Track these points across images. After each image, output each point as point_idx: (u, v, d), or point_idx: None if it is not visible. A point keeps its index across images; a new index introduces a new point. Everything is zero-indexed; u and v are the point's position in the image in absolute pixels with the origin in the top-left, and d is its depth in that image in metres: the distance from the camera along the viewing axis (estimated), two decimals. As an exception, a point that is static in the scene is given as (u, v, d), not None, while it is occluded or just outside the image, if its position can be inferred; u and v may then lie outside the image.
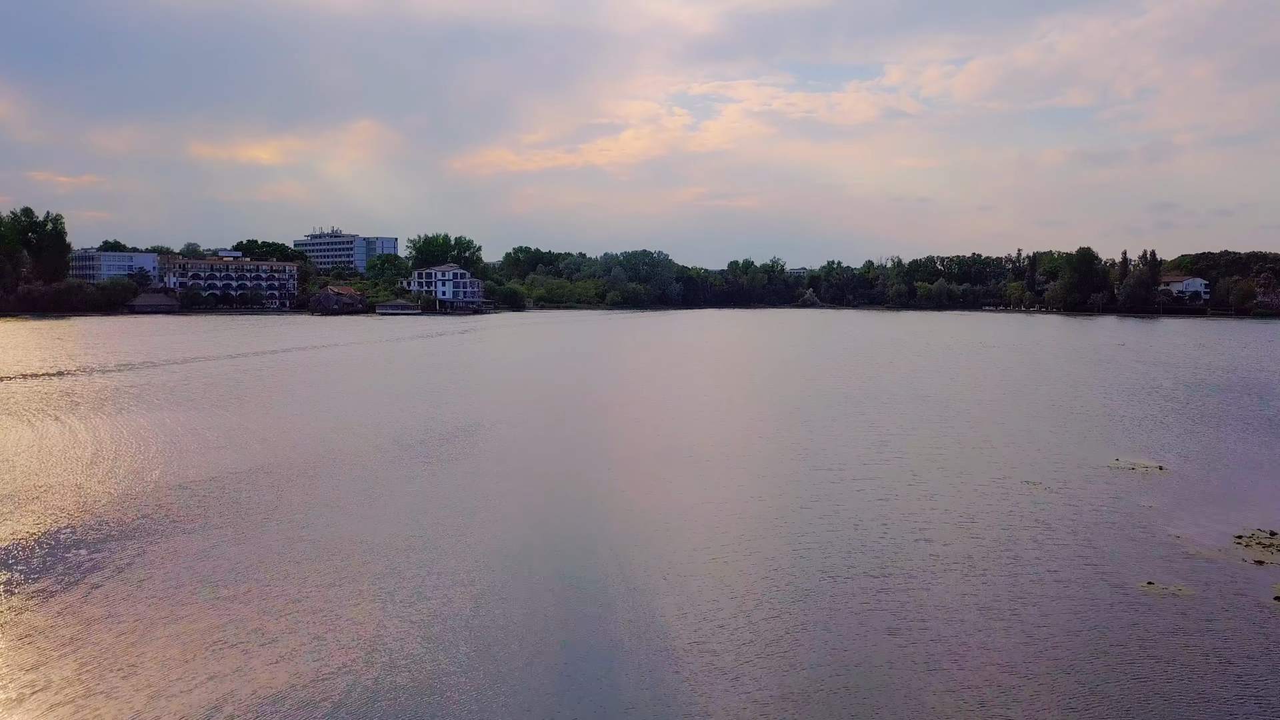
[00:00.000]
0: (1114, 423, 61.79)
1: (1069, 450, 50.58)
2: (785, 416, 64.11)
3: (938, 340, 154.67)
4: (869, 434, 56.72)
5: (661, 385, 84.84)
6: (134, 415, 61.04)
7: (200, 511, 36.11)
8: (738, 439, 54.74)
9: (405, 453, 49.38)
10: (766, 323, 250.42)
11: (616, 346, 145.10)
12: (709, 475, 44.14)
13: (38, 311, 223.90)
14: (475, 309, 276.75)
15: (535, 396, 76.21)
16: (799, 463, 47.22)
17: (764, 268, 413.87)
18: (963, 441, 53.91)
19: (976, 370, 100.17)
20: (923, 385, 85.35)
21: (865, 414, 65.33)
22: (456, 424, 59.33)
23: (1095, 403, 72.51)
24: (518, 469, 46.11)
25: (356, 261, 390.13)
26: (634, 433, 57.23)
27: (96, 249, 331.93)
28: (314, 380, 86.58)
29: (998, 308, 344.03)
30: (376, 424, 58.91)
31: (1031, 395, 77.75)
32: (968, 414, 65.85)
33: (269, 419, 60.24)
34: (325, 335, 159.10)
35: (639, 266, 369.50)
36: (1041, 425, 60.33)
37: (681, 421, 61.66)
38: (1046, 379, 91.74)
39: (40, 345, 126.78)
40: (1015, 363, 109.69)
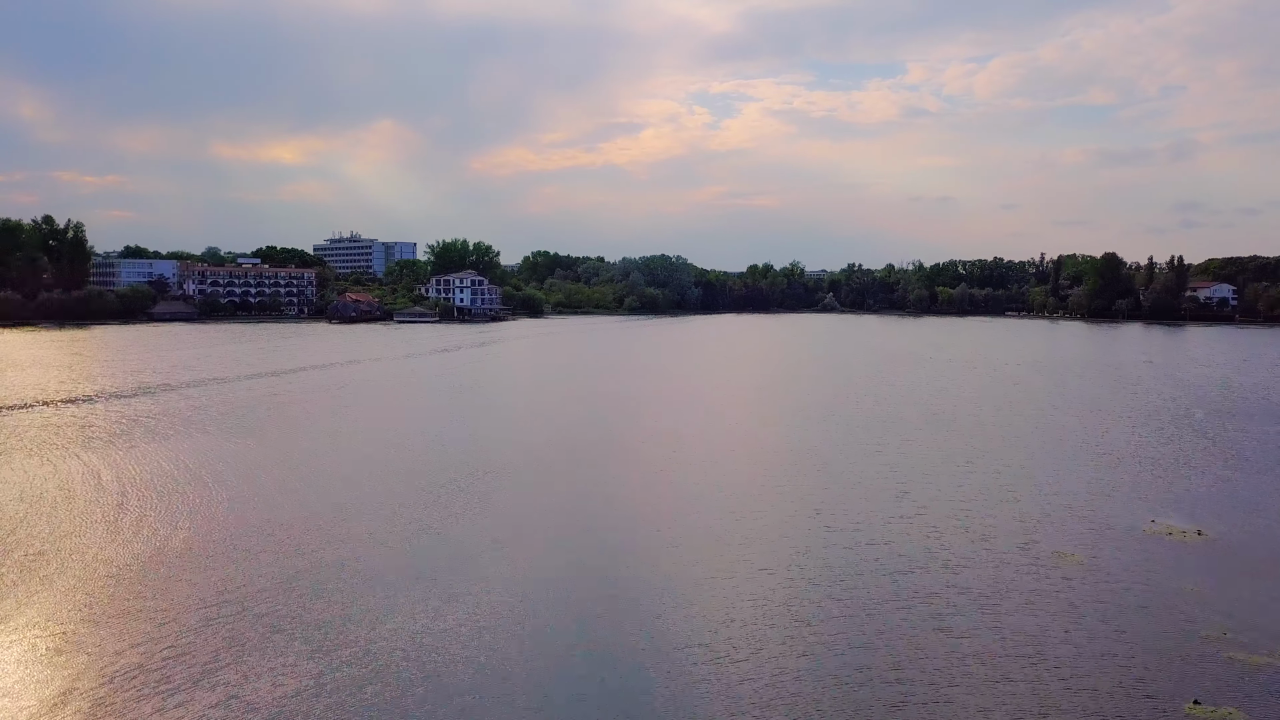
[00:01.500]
0: (1145, 468, 59.56)
1: (1099, 508, 48.47)
2: (803, 459, 62.22)
3: (960, 355, 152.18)
4: (889, 481, 54.79)
5: (676, 416, 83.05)
6: (153, 454, 59.87)
7: (229, 590, 34.79)
8: (750, 491, 52.87)
9: (427, 502, 47.92)
10: (785, 332, 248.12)
11: (632, 365, 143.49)
12: (715, 543, 42.38)
13: (58, 319, 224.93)
14: (493, 316, 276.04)
15: (553, 433, 74.64)
16: (812, 522, 45.37)
17: (783, 271, 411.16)
18: (987, 493, 51.91)
19: (1001, 398, 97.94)
20: (946, 414, 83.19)
21: (885, 454, 63.36)
22: (473, 467, 57.84)
23: (1124, 441, 70.22)
24: (535, 528, 44.55)
25: (375, 266, 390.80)
26: (642, 490, 55.48)
27: (118, 254, 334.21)
28: (333, 408, 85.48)
29: (1021, 313, 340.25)
30: (397, 467, 57.49)
31: (1059, 430, 75.48)
32: (993, 455, 63.77)
33: (291, 457, 58.97)
34: (343, 349, 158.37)
35: (657, 271, 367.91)
36: (1070, 473, 58.19)
37: (694, 468, 59.88)
38: (1073, 408, 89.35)
39: (59, 363, 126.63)
40: (1041, 387, 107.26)
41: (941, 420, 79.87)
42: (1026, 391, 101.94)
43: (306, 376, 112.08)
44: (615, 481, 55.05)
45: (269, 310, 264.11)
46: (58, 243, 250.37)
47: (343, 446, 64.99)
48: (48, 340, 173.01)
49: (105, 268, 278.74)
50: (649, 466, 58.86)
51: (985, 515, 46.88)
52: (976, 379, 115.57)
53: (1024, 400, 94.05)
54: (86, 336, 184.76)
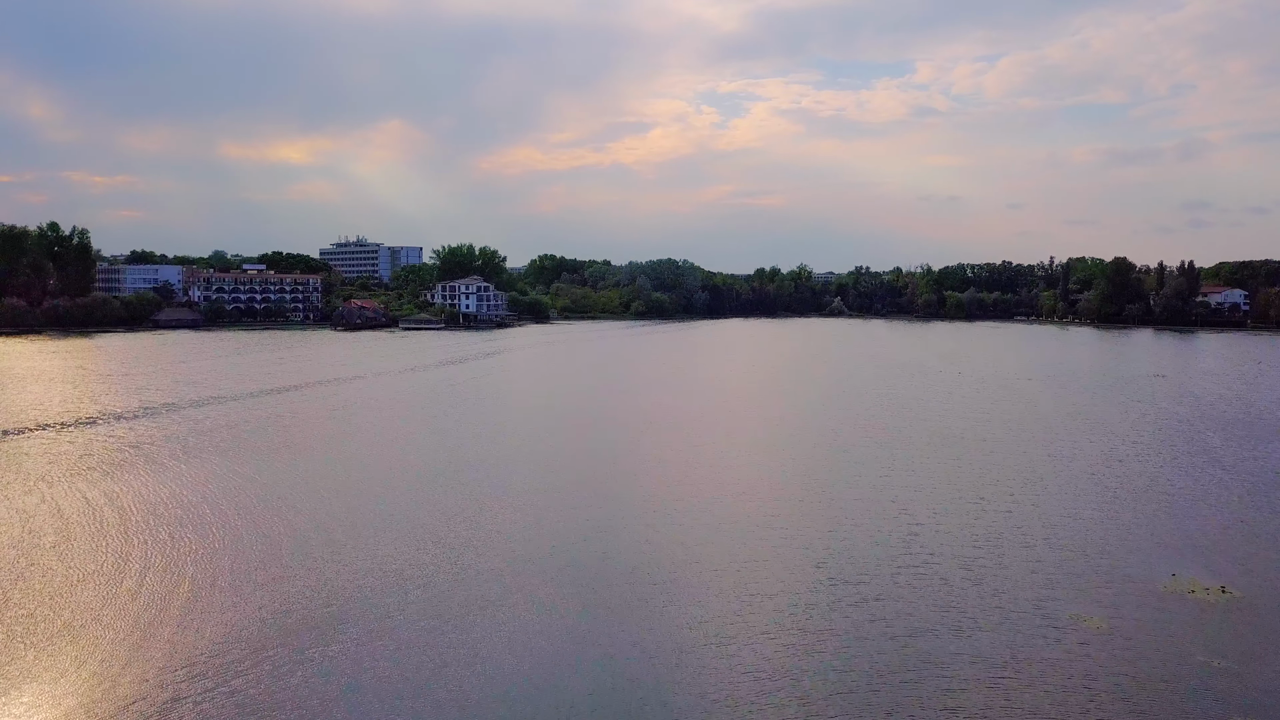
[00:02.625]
0: (1161, 506, 58.08)
1: (1116, 557, 47.04)
2: (809, 494, 60.85)
3: (971, 369, 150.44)
4: (897, 522, 53.42)
5: (679, 443, 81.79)
6: (155, 488, 58.72)
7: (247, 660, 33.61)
8: (751, 536, 51.51)
9: (436, 553, 46.75)
10: (792, 340, 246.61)
11: (637, 378, 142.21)
12: (713, 597, 41.09)
13: (63, 327, 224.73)
14: (499, 322, 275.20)
15: (555, 462, 73.49)
16: (815, 575, 44.03)
17: (791, 275, 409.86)
18: (999, 537, 50.50)
19: (1012, 420, 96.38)
20: (955, 438, 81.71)
21: (893, 489, 61.96)
22: (482, 499, 56.63)
23: (1139, 473, 68.72)
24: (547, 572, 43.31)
25: (382, 270, 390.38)
26: (640, 533, 54.22)
27: (124, 258, 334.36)
28: (336, 434, 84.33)
29: (1030, 318, 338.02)
30: (402, 511, 56.28)
31: (1070, 459, 73.98)
32: (1004, 489, 62.32)
33: (295, 492, 57.79)
34: (347, 362, 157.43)
35: (663, 275, 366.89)
36: (1084, 511, 56.74)
37: (694, 506, 58.56)
38: (1085, 431, 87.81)
39: (62, 377, 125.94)
40: (1052, 407, 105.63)
41: (951, 445, 78.41)
42: (1037, 413, 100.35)
43: (309, 394, 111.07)
44: (609, 521, 53.76)
45: (274, 316, 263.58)
46: (63, 249, 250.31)
47: (347, 482, 63.84)
48: (52, 351, 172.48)
49: (111, 274, 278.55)
50: (648, 504, 57.54)
51: (998, 566, 45.51)
52: (986, 397, 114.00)
53: (1035, 424, 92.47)
54: (91, 347, 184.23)
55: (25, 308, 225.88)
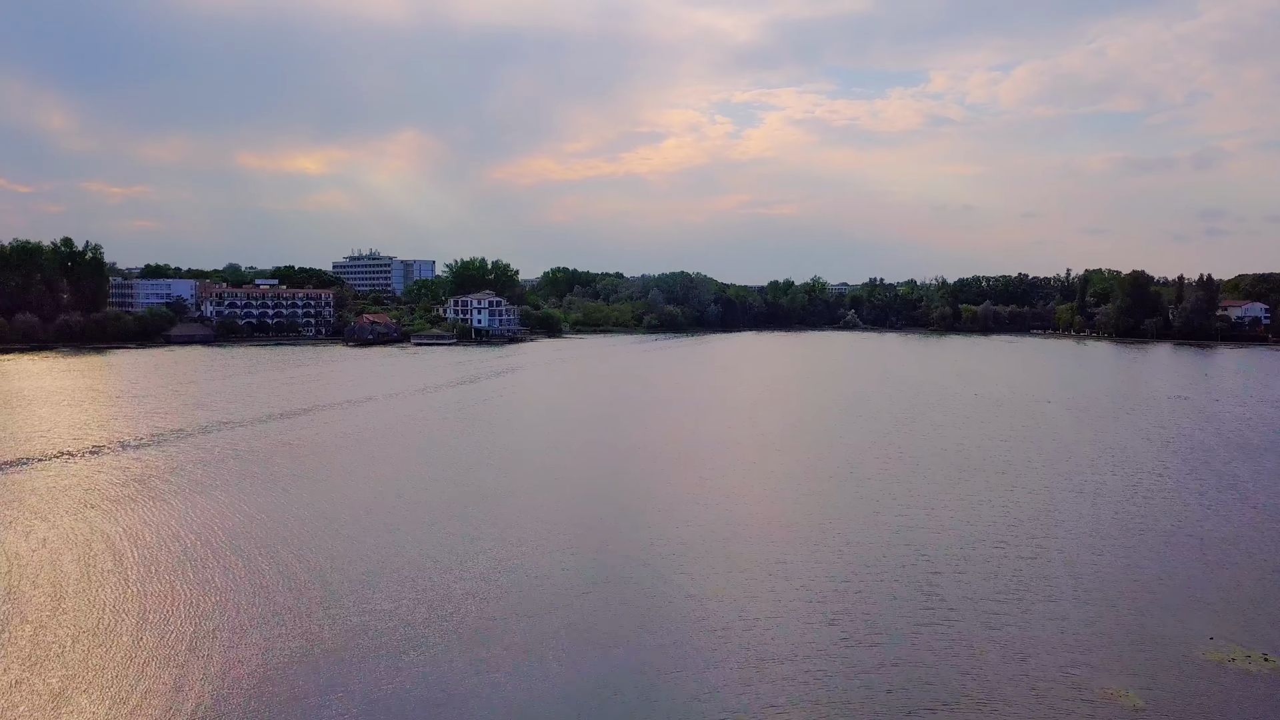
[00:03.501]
0: (1194, 555, 55.91)
1: (1148, 615, 44.98)
2: (823, 537, 58.95)
3: (988, 389, 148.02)
4: (917, 571, 51.49)
5: (689, 477, 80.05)
6: (159, 525, 57.33)
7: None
8: (763, 587, 49.68)
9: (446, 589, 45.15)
10: (806, 356, 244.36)
11: (647, 399, 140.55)
12: (722, 662, 39.32)
13: (75, 342, 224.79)
14: (511, 337, 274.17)
15: (568, 499, 71.89)
16: (829, 633, 42.23)
17: (804, 287, 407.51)
18: (1024, 590, 48.50)
19: (1032, 449, 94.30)
20: (976, 469, 79.64)
21: (912, 533, 59.96)
22: (500, 537, 55.02)
23: (1166, 512, 66.55)
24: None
25: (395, 283, 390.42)
26: (648, 584, 52.47)
27: (138, 272, 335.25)
28: (344, 465, 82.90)
29: (1046, 332, 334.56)
30: (403, 555, 54.66)
31: (1095, 496, 71.80)
32: (1028, 531, 60.26)
33: (302, 530, 56.26)
34: (357, 381, 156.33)
35: (676, 288, 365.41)
36: (1112, 560, 54.66)
37: (705, 553, 56.75)
38: (1108, 461, 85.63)
39: (71, 399, 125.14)
40: (1073, 434, 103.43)
41: (970, 478, 76.36)
42: (1057, 441, 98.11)
43: (318, 419, 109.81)
44: (616, 570, 52.00)
45: (286, 331, 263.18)
46: (77, 264, 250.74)
47: (351, 521, 62.28)
48: (63, 369, 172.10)
49: (124, 288, 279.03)
50: (656, 549, 55.74)
51: (1022, 624, 43.56)
52: (1004, 423, 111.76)
53: (1055, 453, 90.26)
54: (102, 365, 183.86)
55: (38, 323, 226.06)
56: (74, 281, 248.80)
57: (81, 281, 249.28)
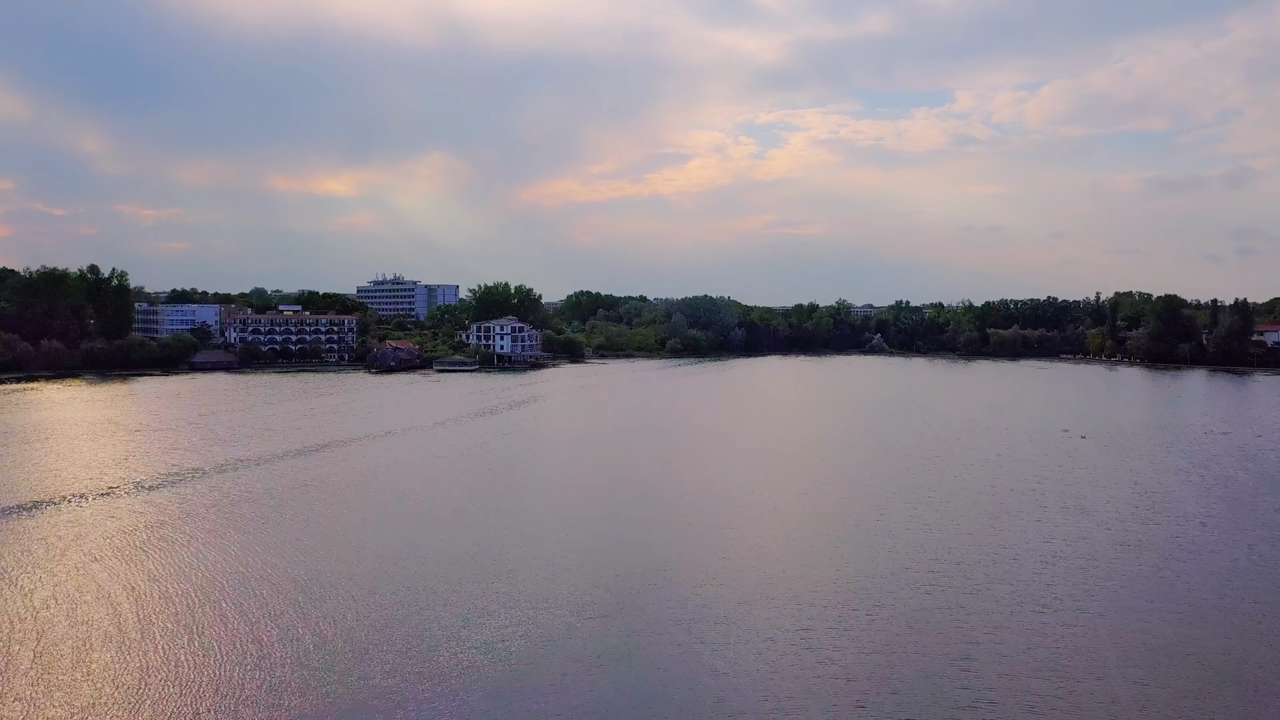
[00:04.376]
0: (1250, 624, 52.69)
1: (1210, 700, 42.00)
2: (853, 603, 56.25)
3: (1020, 423, 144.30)
4: (951, 641, 48.64)
5: (707, 528, 77.58)
6: (168, 579, 55.54)
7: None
8: (786, 669, 47.05)
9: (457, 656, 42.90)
10: (832, 382, 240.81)
11: (672, 434, 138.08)
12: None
13: (100, 369, 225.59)
14: (533, 363, 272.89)
15: (587, 556, 69.64)
16: (856, 715, 39.51)
17: (830, 311, 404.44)
18: (1066, 666, 45.58)
19: (1069, 492, 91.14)
20: (1011, 521, 76.56)
21: (947, 594, 57.08)
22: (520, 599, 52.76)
23: (1214, 571, 63.36)
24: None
25: (419, 307, 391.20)
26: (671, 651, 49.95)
27: (165, 296, 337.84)
28: (358, 510, 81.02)
29: (1076, 357, 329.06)
30: (408, 621, 52.50)
31: (1136, 548, 68.68)
32: (1069, 596, 57.23)
33: (308, 594, 54.26)
34: (378, 413, 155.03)
35: (699, 312, 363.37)
36: (1160, 633, 51.58)
37: (727, 621, 54.22)
38: (1148, 508, 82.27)
39: (89, 432, 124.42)
40: (1110, 475, 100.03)
41: (1005, 527, 73.27)
42: (1095, 482, 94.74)
43: (336, 456, 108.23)
44: (636, 645, 49.54)
45: (309, 358, 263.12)
46: (102, 290, 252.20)
47: (360, 576, 60.24)
48: (85, 399, 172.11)
49: (149, 314, 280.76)
50: (678, 614, 53.25)
51: (1069, 709, 40.68)
52: (1039, 462, 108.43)
53: (1094, 496, 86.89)
54: (125, 393, 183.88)
55: (64, 350, 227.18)
56: (100, 308, 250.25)
57: (107, 308, 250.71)
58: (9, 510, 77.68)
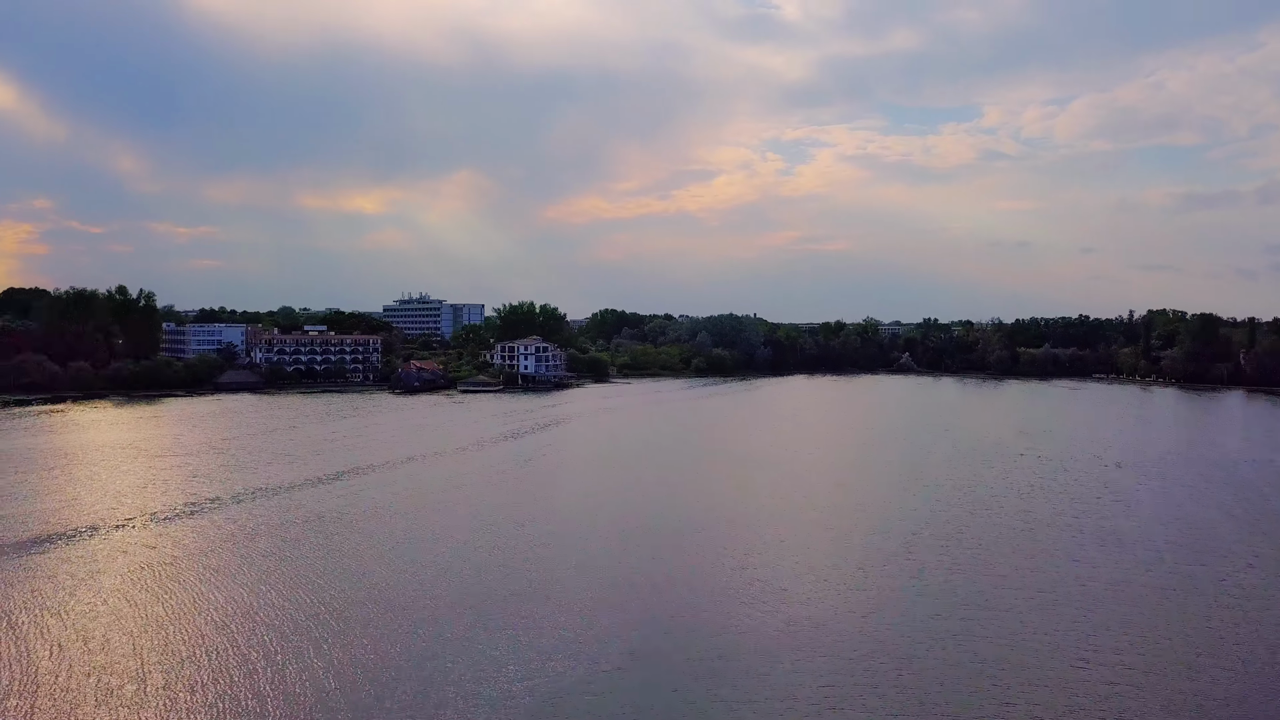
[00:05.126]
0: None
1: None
2: (881, 651, 53.70)
3: (1053, 450, 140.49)
4: (986, 701, 45.96)
5: (741, 569, 75.17)
6: (171, 631, 54.06)
7: None
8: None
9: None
10: (860, 403, 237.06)
11: (696, 461, 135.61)
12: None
13: (127, 389, 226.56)
14: (557, 383, 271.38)
15: (609, 610, 67.45)
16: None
17: (857, 329, 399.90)
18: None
19: (1108, 532, 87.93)
20: (1047, 562, 73.58)
21: (979, 648, 54.38)
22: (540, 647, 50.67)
23: (1270, 622, 60.08)
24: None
25: (444, 327, 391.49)
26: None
27: (194, 315, 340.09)
28: (377, 543, 79.31)
29: (1109, 376, 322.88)
30: (419, 677, 50.54)
31: (1182, 593, 65.60)
32: (1110, 648, 54.34)
33: (318, 640, 52.55)
34: (401, 435, 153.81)
35: (725, 330, 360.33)
36: (1213, 700, 48.60)
37: (752, 671, 51.77)
38: (1193, 551, 78.89)
39: (110, 460, 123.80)
40: (1151, 512, 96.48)
41: (1041, 569, 70.29)
42: (1135, 520, 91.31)
43: (355, 485, 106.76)
44: (649, 702, 47.28)
45: (334, 378, 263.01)
46: (130, 311, 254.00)
47: (372, 616, 58.41)
48: (110, 420, 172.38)
49: (176, 335, 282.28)
50: (700, 660, 50.92)
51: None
52: (1075, 495, 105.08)
53: (1134, 536, 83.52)
54: (150, 416, 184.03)
55: (91, 371, 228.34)
56: (127, 328, 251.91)
57: (134, 328, 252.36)
58: (23, 544, 76.75)
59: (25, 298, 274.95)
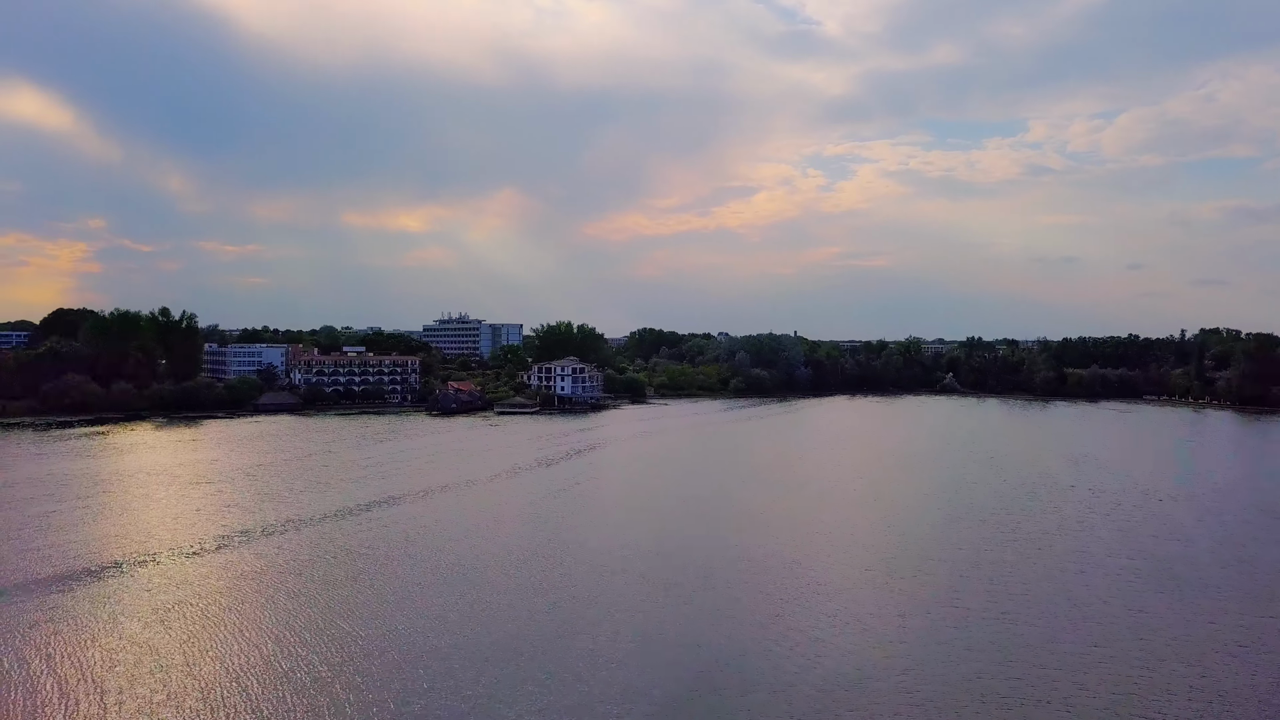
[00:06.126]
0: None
1: None
2: (919, 713, 50.46)
3: (1105, 482, 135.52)
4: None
5: (778, 622, 72.20)
6: (184, 681, 52.48)
7: None
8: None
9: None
10: (902, 427, 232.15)
11: (735, 488, 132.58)
12: None
13: (167, 411, 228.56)
14: (594, 404, 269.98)
15: (644, 669, 64.83)
16: None
17: (899, 348, 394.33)
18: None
19: (1166, 574, 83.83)
20: (1099, 609, 69.76)
21: (1026, 713, 50.91)
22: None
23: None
24: None
25: (483, 346, 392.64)
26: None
27: (237, 334, 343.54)
28: (404, 584, 77.48)
29: (1160, 398, 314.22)
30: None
31: (1254, 649, 61.49)
32: (1175, 718, 50.66)
33: (334, 694, 50.69)
34: (435, 460, 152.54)
35: (764, 350, 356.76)
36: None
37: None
38: (1255, 597, 74.56)
39: (143, 490, 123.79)
40: (1211, 554, 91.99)
41: (1094, 621, 66.52)
42: (1193, 564, 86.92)
43: (387, 517, 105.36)
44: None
45: (373, 399, 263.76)
46: (172, 332, 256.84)
47: (394, 663, 56.36)
48: (149, 444, 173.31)
49: (217, 355, 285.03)
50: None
51: None
52: (1129, 531, 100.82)
53: (1194, 584, 79.15)
54: (188, 439, 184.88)
55: (133, 392, 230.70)
56: (169, 349, 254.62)
57: (176, 349, 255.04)
58: (48, 581, 76.05)
59: (73, 318, 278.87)
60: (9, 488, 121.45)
